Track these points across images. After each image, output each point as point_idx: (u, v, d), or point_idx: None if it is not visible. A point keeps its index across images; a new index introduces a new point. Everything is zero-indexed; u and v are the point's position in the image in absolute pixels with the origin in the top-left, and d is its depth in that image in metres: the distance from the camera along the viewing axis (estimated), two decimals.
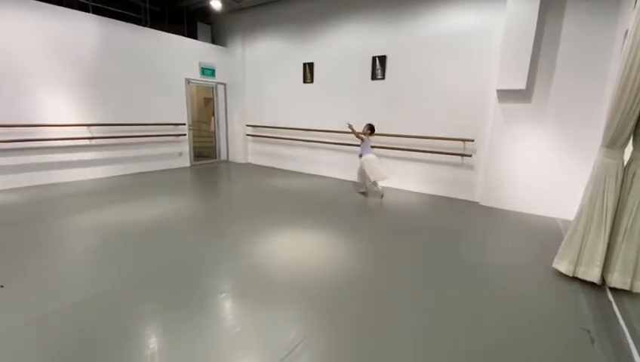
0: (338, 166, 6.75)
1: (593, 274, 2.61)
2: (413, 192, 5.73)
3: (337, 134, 6.53)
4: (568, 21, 4.17)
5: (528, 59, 4.28)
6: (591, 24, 4.04)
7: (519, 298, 2.50)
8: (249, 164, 8.40)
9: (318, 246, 3.35)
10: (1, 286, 2.46)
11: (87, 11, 5.97)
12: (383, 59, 5.79)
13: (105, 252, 3.13)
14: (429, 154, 5.46)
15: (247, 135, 8.33)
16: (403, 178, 5.89)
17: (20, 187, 5.19)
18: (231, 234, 3.62)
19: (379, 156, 5.49)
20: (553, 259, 2.89)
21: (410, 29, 5.46)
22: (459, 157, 5.19)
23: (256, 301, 2.35)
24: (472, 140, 5.04)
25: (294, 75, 7.10)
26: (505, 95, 4.63)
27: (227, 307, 2.29)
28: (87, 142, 5.89)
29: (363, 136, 5.26)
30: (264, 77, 7.76)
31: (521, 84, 4.36)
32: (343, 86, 6.43)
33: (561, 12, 4.20)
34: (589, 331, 2.10)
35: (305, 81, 6.96)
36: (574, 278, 2.73)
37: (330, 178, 6.80)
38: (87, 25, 5.73)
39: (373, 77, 5.95)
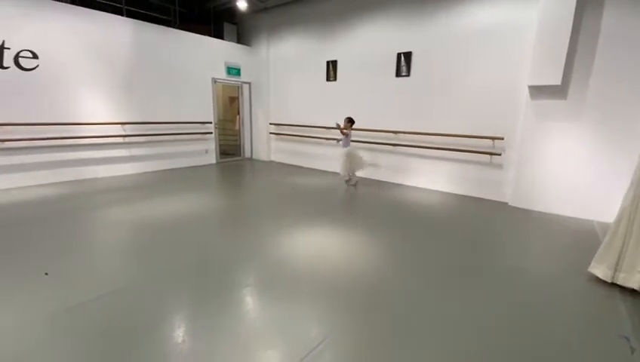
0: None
1: (635, 281, 2.46)
2: (439, 192, 5.61)
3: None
4: (609, 13, 3.93)
5: (564, 54, 4.07)
6: (633, 17, 3.79)
7: (553, 304, 2.40)
8: (272, 161, 8.52)
9: (342, 245, 3.36)
10: (46, 274, 2.65)
11: (122, 15, 6.26)
12: (408, 55, 5.69)
13: (136, 245, 3.29)
14: (456, 152, 5.32)
15: (271, 133, 8.45)
16: (428, 177, 5.79)
17: (60, 181, 5.54)
18: (255, 231, 3.70)
19: (406, 155, 5.43)
20: (589, 263, 2.75)
21: (437, 24, 5.34)
22: (487, 155, 5.03)
23: (279, 297, 2.39)
24: (502, 138, 4.87)
25: (317, 73, 7.13)
26: (538, 91, 4.43)
27: (250, 302, 2.35)
28: (120, 139, 6.19)
29: (346, 131, 5.48)
30: (287, 76, 7.84)
31: (555, 80, 4.15)
32: (366, 83, 6.38)
33: (600, 3, 3.95)
34: (628, 339, 1.99)
35: (328, 79, 6.97)
36: (613, 284, 2.58)
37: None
38: (121, 28, 6.02)
39: (398, 74, 5.86)
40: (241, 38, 8.42)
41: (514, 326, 2.13)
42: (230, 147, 8.89)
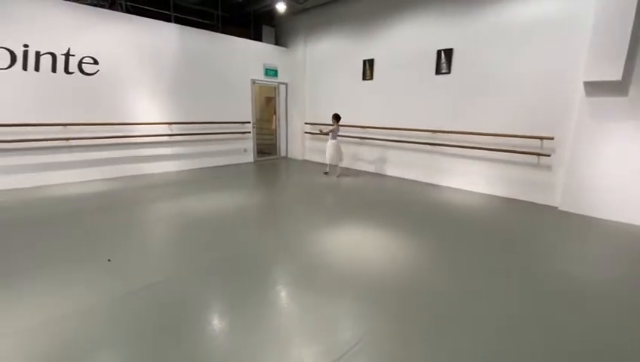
0: (397, 164, 6.63)
1: None
2: (479, 193, 5.40)
3: (397, 131, 6.41)
4: None
5: (626, 47, 3.75)
6: None
7: (609, 320, 2.23)
8: (306, 160, 8.64)
9: (379, 245, 3.36)
10: (109, 261, 2.91)
11: (170, 21, 6.67)
12: (449, 52, 5.53)
13: (181, 237, 3.51)
14: (499, 152, 5.09)
15: (306, 132, 8.57)
16: (467, 178, 5.59)
17: (114, 177, 6.02)
18: (291, 228, 3.80)
19: (444, 154, 5.33)
20: None
21: (481, 19, 5.13)
22: (534, 156, 4.76)
23: (316, 295, 2.43)
24: (551, 138, 4.58)
25: (353, 73, 7.13)
26: (594, 87, 4.12)
27: (283, 298, 2.39)
28: (167, 138, 6.60)
29: (333, 128, 6.29)
30: (323, 75, 7.91)
31: (615, 75, 3.84)
32: (404, 82, 6.28)
33: None
34: None
35: (364, 78, 6.94)
36: None
37: (388, 176, 6.71)
38: (169, 33, 6.41)
39: (438, 71, 5.71)
40: (278, 40, 8.62)
41: (562, 342, 2.02)
42: (266, 146, 9.14)
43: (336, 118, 6.35)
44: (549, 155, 4.65)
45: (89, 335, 1.93)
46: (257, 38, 8.16)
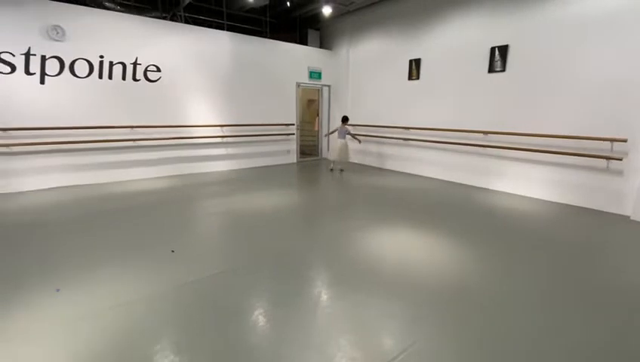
0: (443, 166, 6.42)
1: None
2: (535, 199, 5.05)
3: (444, 132, 6.21)
4: None
5: None
6: None
7: None
8: (348, 162, 8.65)
9: (425, 248, 3.29)
10: (172, 251, 3.18)
11: (223, 29, 7.08)
12: (503, 49, 5.24)
13: (233, 232, 3.72)
14: (560, 155, 4.71)
15: (347, 134, 8.58)
16: (521, 182, 5.25)
17: (173, 175, 6.52)
18: (334, 228, 3.84)
19: (496, 157, 5.06)
20: None
21: (542, 12, 4.80)
22: (602, 160, 4.35)
23: (359, 296, 2.43)
24: (624, 140, 4.15)
25: (399, 73, 7.02)
26: None
27: (329, 299, 2.41)
28: (219, 139, 7.01)
29: (339, 128, 7.08)
30: (367, 76, 7.88)
31: None
32: (452, 81, 6.06)
33: None
34: None
35: (410, 78, 6.81)
36: None
37: (432, 178, 6.51)
38: (222, 41, 6.81)
39: (491, 69, 5.44)
40: (323, 43, 8.76)
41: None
42: (307, 147, 9.32)
43: (344, 120, 7.15)
44: (620, 159, 4.22)
45: (153, 318, 2.14)
46: (303, 41, 8.36)
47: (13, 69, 4.88)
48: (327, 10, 7.01)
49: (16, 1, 4.79)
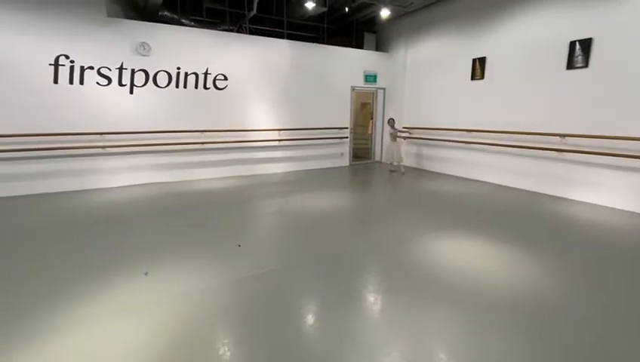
0: (511, 172, 5.94)
1: None
2: (624, 211, 4.42)
3: (512, 135, 5.75)
4: None
5: None
6: None
7: None
8: (401, 165, 8.45)
9: (489, 258, 3.08)
10: (239, 246, 3.41)
11: (283, 38, 7.43)
12: (586, 43, 4.71)
13: (286, 233, 3.86)
14: None
15: (399, 136, 8.39)
16: (606, 192, 4.64)
17: (236, 175, 6.98)
18: (390, 232, 3.78)
19: (575, 163, 4.57)
20: None
21: (632, 1, 4.22)
22: None
23: (417, 304, 2.36)
24: None
25: (460, 73, 6.69)
26: None
27: (384, 304, 2.37)
28: (277, 143, 7.35)
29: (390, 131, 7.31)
30: (425, 78, 7.64)
31: None
32: (523, 79, 5.60)
33: None
34: None
35: (473, 78, 6.44)
36: None
37: (498, 185, 6.06)
38: (282, 49, 7.14)
39: (570, 65, 4.92)
40: (379, 46, 8.71)
41: None
42: (360, 150, 9.29)
43: (391, 122, 7.39)
44: None
45: (218, 307, 2.32)
46: (359, 45, 8.40)
47: (110, 81, 5.67)
48: (384, 13, 6.97)
49: (114, 23, 5.57)
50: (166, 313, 2.22)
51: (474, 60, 6.39)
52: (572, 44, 4.87)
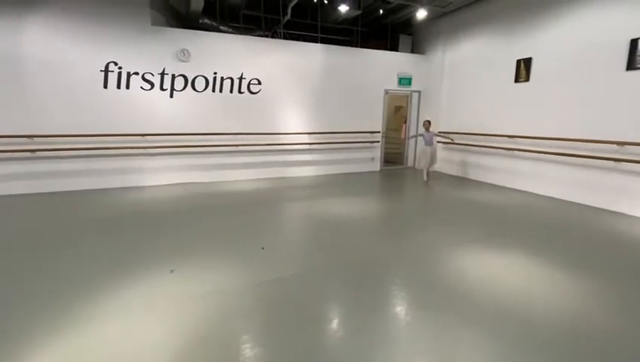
0: (558, 181, 5.45)
1: None
2: None
3: (560, 142, 5.28)
4: None
5: None
6: None
7: None
8: (436, 171, 8.11)
9: (531, 277, 2.81)
10: (262, 248, 3.42)
11: (317, 42, 7.45)
12: None
13: (313, 236, 3.81)
14: None
15: (438, 142, 8.05)
16: None
17: (267, 178, 7.09)
18: (417, 242, 3.61)
19: (631, 173, 4.07)
20: None
21: None
22: None
23: (447, 320, 2.20)
24: None
25: (503, 75, 6.28)
26: None
27: (411, 318, 2.24)
28: (307, 146, 7.37)
29: (424, 133, 6.57)
30: (463, 80, 7.29)
31: None
32: (573, 81, 5.13)
33: None
34: None
35: (517, 80, 6.02)
36: None
37: (543, 196, 5.58)
38: (315, 53, 7.17)
39: (631, 66, 4.41)
40: (415, 48, 8.46)
41: None
42: (392, 155, 9.05)
43: (427, 124, 6.70)
44: None
45: (240, 308, 2.31)
46: (394, 48, 8.22)
47: (152, 85, 6.03)
48: (421, 14, 6.75)
49: (157, 32, 5.91)
50: (188, 311, 2.26)
51: (518, 61, 5.97)
52: (633, 43, 4.37)
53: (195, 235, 3.76)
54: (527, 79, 5.85)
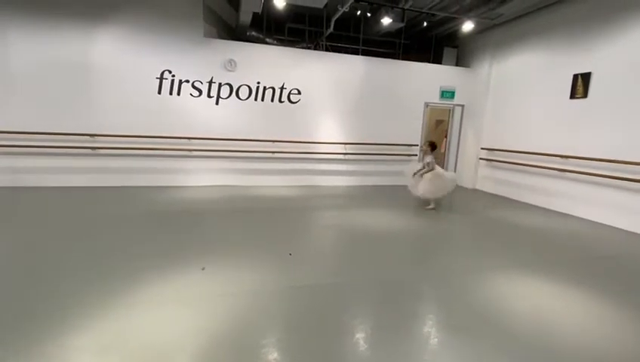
0: (619, 208, 4.91)
1: None
2: None
3: (617, 165, 4.77)
4: None
5: None
6: None
7: None
8: (477, 190, 7.70)
9: (580, 313, 2.53)
10: (290, 254, 3.46)
11: (357, 54, 7.52)
12: None
13: (341, 247, 3.77)
14: None
15: (480, 158, 7.67)
16: None
17: (300, 185, 7.20)
18: (456, 263, 3.41)
19: None
20: None
21: None
22: None
23: (479, 350, 2.04)
24: None
25: (557, 90, 5.86)
26: None
27: (441, 342, 2.11)
28: (342, 156, 7.39)
29: (429, 160, 5.32)
30: (512, 95, 6.90)
31: None
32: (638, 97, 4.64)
33: None
34: None
35: (573, 96, 5.58)
36: None
37: (600, 223, 5.05)
38: (355, 65, 7.23)
39: None
40: (460, 61, 8.20)
41: None
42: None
43: (432, 145, 5.48)
44: None
45: (267, 311, 2.34)
46: (437, 60, 8.03)
47: (200, 93, 6.44)
48: (467, 27, 6.55)
49: (208, 43, 6.34)
50: (215, 310, 2.33)
51: (575, 76, 5.54)
52: None
53: (227, 235, 3.90)
54: (584, 95, 5.40)
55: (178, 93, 6.32)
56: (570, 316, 2.46)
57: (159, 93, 6.23)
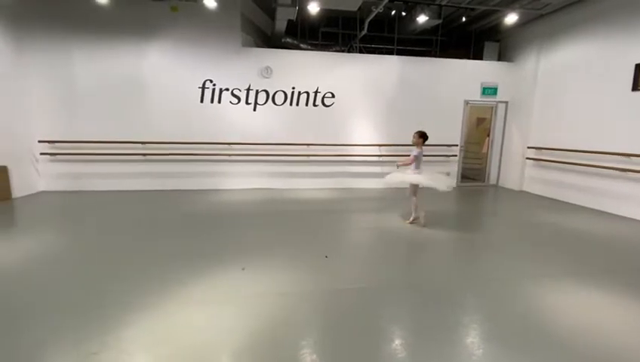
0: None
1: None
2: None
3: None
4: None
5: None
6: None
7: None
8: (524, 191, 7.21)
9: (633, 325, 2.28)
10: (326, 257, 3.49)
11: (392, 54, 7.40)
12: None
13: (377, 251, 3.73)
14: None
15: (527, 158, 7.17)
16: None
17: (334, 188, 7.22)
18: (498, 269, 3.23)
19: None
20: None
21: None
22: None
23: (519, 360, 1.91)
24: None
25: (615, 82, 5.33)
26: None
27: (481, 353, 2.02)
28: (376, 158, 7.30)
29: (416, 153, 4.46)
30: (561, 89, 6.39)
31: None
32: None
33: None
34: None
35: (636, 88, 5.04)
36: None
37: None
38: (390, 65, 7.11)
39: None
40: (502, 55, 7.75)
41: None
42: (471, 171, 8.35)
43: (423, 136, 4.53)
44: None
45: (302, 313, 2.38)
46: (477, 56, 7.67)
47: (239, 100, 6.72)
48: (511, 19, 6.19)
49: (246, 52, 6.60)
50: (255, 309, 2.43)
51: (637, 66, 5.01)
52: None
53: (265, 237, 4.03)
54: None
55: (219, 101, 6.65)
56: (627, 328, 2.23)
57: (201, 101, 6.60)
